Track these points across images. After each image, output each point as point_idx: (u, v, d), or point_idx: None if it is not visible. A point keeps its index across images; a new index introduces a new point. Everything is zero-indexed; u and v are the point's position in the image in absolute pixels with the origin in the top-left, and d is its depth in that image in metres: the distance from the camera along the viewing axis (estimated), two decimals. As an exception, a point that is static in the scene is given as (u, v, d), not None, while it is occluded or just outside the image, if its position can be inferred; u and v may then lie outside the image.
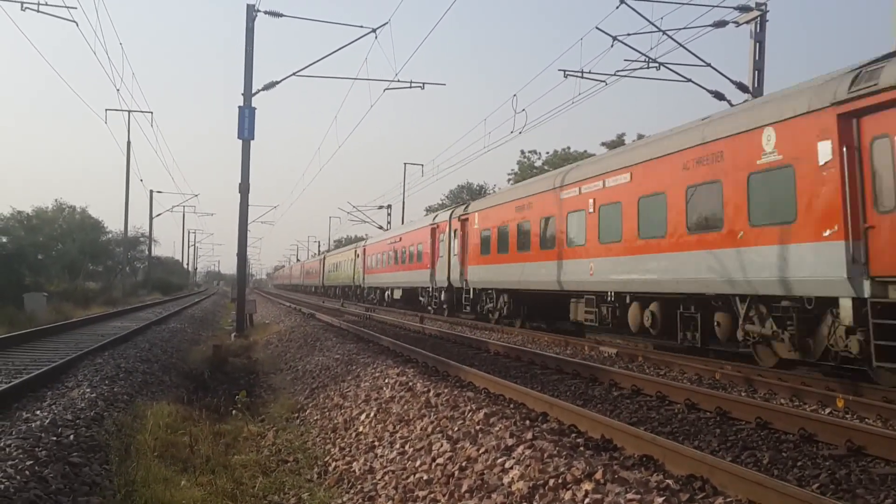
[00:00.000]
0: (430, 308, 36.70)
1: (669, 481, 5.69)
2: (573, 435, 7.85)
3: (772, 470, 6.83)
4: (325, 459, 8.75)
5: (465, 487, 6.10)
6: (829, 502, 5.13)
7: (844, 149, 11.24)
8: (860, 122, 11.20)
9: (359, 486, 7.38)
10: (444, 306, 33.95)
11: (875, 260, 10.92)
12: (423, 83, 27.34)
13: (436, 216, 37.05)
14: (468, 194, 78.39)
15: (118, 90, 64.54)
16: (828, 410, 9.80)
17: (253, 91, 24.16)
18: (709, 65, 20.00)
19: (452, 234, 32.27)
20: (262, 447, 9.57)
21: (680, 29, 20.03)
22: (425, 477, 6.68)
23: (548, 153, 67.24)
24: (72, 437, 8.07)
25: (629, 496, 5.18)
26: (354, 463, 8.19)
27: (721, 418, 9.25)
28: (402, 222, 53.13)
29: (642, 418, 9.45)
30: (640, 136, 53.46)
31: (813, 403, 10.30)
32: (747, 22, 20.15)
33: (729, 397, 9.91)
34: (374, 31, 23.76)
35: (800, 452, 7.48)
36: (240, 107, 23.86)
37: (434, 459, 7.03)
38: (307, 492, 7.50)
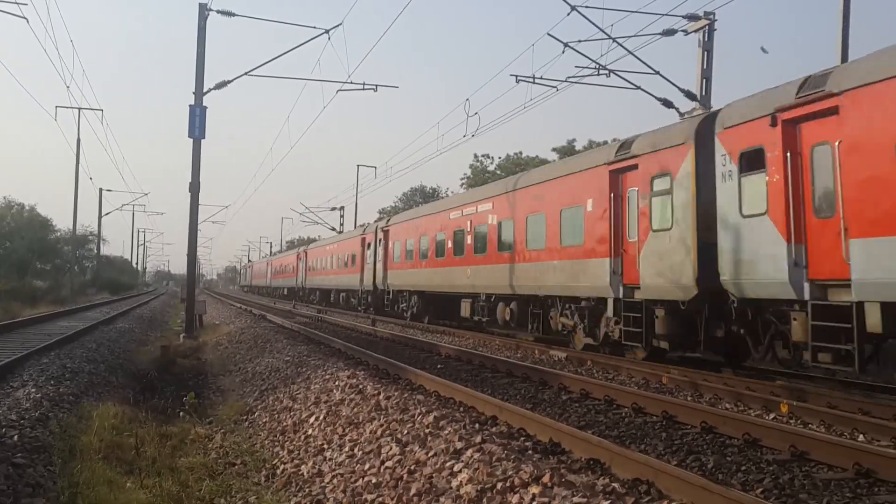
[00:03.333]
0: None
1: (616, 485, 5.75)
2: (522, 438, 7.88)
3: (716, 474, 6.93)
4: (274, 462, 8.68)
5: (413, 491, 6.09)
6: (770, 506, 5.21)
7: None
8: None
9: (307, 490, 7.34)
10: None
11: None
12: (377, 85, 27.32)
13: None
14: (421, 197, 78.42)
15: (68, 87, 63.31)
16: (772, 415, 9.98)
17: (204, 90, 23.89)
18: (658, 73, 20.20)
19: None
20: (210, 449, 9.47)
21: (630, 37, 20.18)
22: (374, 480, 6.66)
23: (500, 158, 67.45)
24: (16, 437, 7.93)
25: (576, 500, 5.22)
26: (303, 466, 8.14)
27: (667, 422, 9.37)
28: (355, 225, 54.10)
29: (590, 422, 9.53)
30: (591, 143, 54.03)
31: (757, 408, 10.49)
32: (696, 31, 20.37)
33: (675, 401, 10.05)
34: (326, 32, 23.67)
35: (744, 457, 7.60)
36: (191, 105, 23.57)
37: (383, 463, 7.01)
38: (254, 495, 7.43)
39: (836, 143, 11.07)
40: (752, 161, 12.69)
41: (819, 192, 11.52)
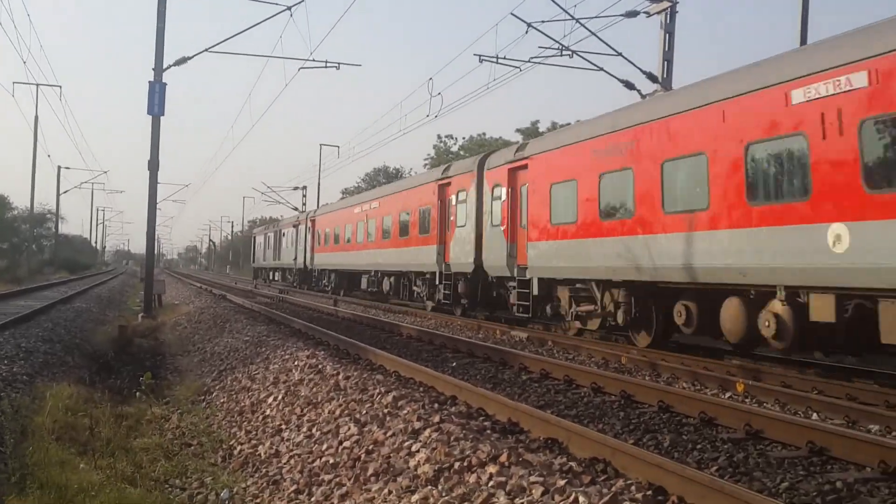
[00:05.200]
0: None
1: (573, 463, 5.78)
2: (481, 418, 7.89)
3: (672, 452, 6.98)
4: (231, 443, 8.61)
5: (370, 471, 6.07)
6: (726, 485, 5.26)
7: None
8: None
9: (264, 470, 7.28)
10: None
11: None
12: (339, 63, 27.04)
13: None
14: (384, 177, 78.17)
15: (25, 62, 61.84)
16: (728, 395, 10.09)
17: (164, 66, 23.50)
18: (620, 54, 20.19)
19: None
20: (166, 430, 9.37)
21: (593, 17, 20.19)
22: (332, 460, 6.63)
23: (464, 138, 67.40)
24: (-36, 419, 7.76)
25: (532, 479, 5.22)
26: (260, 446, 8.08)
27: (625, 401, 9.43)
28: (317, 204, 54.48)
29: (550, 401, 9.57)
30: (554, 124, 54.16)
31: (714, 388, 10.60)
32: (658, 13, 20.42)
33: (633, 381, 10.12)
34: (289, 8, 23.30)
35: (700, 435, 7.67)
36: (150, 82, 23.16)
37: (341, 443, 6.98)
38: (210, 476, 7.35)
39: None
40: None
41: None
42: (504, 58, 22.21)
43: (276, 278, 57.63)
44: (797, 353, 12.65)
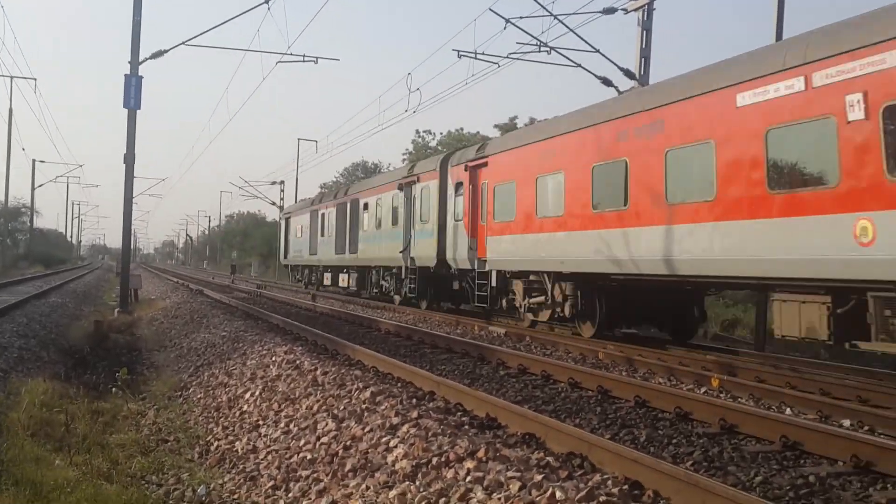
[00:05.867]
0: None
1: (550, 458, 5.81)
2: (459, 414, 7.92)
3: (648, 447, 7.04)
4: (208, 439, 8.56)
5: (348, 466, 6.07)
6: (701, 479, 5.31)
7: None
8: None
9: (241, 466, 7.26)
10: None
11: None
12: (317, 57, 26.95)
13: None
14: (363, 172, 77.95)
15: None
16: (703, 390, 10.18)
17: (140, 59, 23.30)
18: (597, 51, 20.32)
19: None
20: (142, 426, 9.30)
21: (571, 14, 20.26)
22: (309, 456, 6.62)
23: (442, 133, 67.25)
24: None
25: (510, 474, 5.24)
26: (237, 442, 8.05)
27: (602, 397, 9.49)
28: (295, 199, 53.92)
29: (527, 397, 9.61)
30: (532, 119, 54.19)
31: (689, 383, 10.69)
32: (635, 10, 20.57)
33: (610, 376, 10.19)
34: (266, 2, 23.18)
35: (676, 430, 7.74)
36: (126, 75, 22.96)
37: (319, 438, 6.97)
38: (187, 472, 7.32)
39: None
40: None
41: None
42: (483, 53, 22.30)
43: (347, 283, 34.03)
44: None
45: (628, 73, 20.11)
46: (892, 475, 6.08)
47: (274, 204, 61.40)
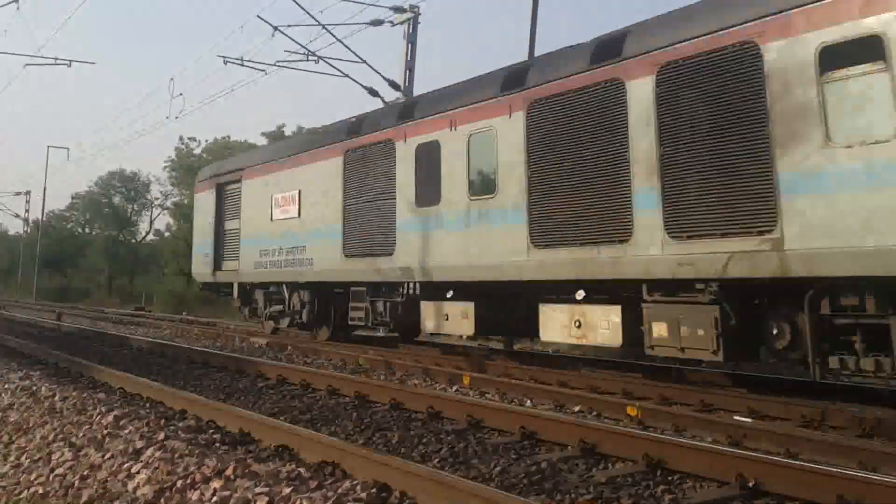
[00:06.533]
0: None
1: (301, 469, 5.82)
2: (211, 431, 7.72)
3: (400, 448, 7.23)
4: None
5: (84, 498, 5.76)
6: (445, 476, 5.53)
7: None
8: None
9: (-36, 507, 6.69)
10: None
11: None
12: (70, 60, 25.52)
13: None
14: (120, 181, 74.36)
15: None
16: (455, 388, 10.60)
17: None
18: (364, 61, 20.75)
19: None
20: None
21: (339, 24, 20.60)
22: (41, 490, 6.21)
23: (207, 141, 65.22)
24: None
25: (258, 490, 5.21)
26: (-40, 482, 7.40)
27: (359, 402, 9.63)
28: (42, 212, 50.51)
29: (285, 408, 9.54)
30: (300, 128, 53.94)
31: (443, 382, 11.09)
32: (402, 23, 21.17)
33: (367, 381, 10.35)
34: (15, 0, 21.53)
35: (427, 429, 7.99)
36: None
37: (53, 470, 6.54)
38: None
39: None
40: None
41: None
42: (250, 60, 22.11)
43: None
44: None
45: (393, 84, 20.63)
46: (613, 455, 6.66)
47: (18, 216, 56.85)
